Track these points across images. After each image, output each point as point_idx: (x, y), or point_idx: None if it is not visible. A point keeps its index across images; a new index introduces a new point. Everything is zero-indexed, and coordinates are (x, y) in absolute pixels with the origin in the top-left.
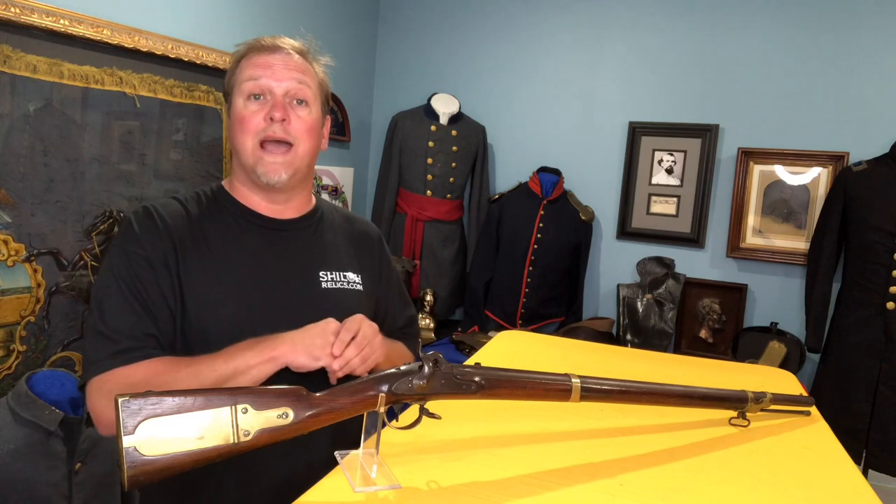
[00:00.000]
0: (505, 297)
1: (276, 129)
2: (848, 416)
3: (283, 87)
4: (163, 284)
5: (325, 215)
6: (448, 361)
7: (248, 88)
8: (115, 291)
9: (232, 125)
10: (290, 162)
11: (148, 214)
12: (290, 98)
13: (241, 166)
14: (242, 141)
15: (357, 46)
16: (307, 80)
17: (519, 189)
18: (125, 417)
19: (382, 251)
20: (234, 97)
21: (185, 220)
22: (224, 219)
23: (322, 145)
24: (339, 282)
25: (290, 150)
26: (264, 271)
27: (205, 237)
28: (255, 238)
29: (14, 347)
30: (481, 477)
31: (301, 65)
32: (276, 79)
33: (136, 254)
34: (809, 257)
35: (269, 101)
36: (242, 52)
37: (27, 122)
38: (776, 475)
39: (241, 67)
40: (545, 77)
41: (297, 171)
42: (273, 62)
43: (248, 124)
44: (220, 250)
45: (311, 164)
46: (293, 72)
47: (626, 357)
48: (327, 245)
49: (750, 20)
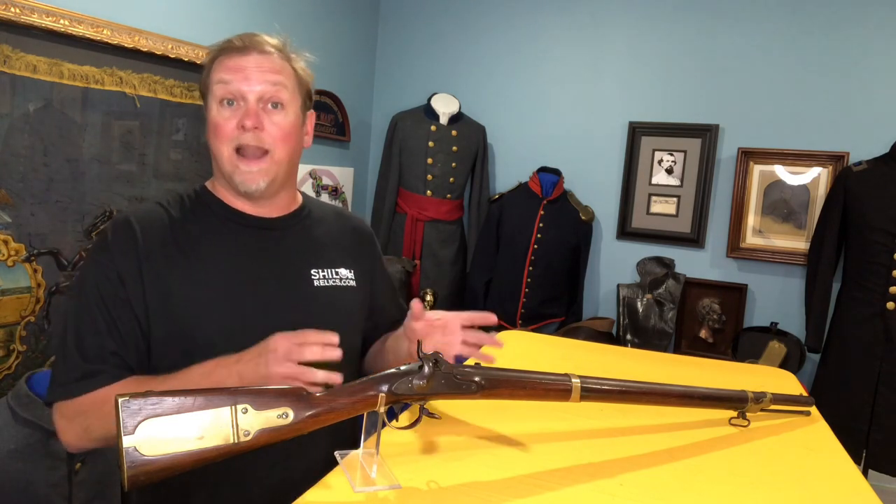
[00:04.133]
0: (505, 297)
1: (248, 137)
2: (848, 417)
3: (255, 92)
4: (133, 300)
5: (313, 212)
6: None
7: (220, 93)
8: (83, 308)
9: (208, 129)
10: (267, 170)
11: (124, 226)
12: (265, 102)
13: (220, 172)
14: (218, 148)
15: (357, 46)
16: (282, 80)
17: (519, 189)
18: (125, 417)
19: (374, 247)
20: (208, 100)
21: (168, 225)
22: (209, 220)
23: (305, 142)
24: (332, 279)
25: (267, 156)
26: (254, 272)
27: (189, 241)
28: (242, 239)
29: (14, 347)
30: (481, 477)
31: (276, 64)
32: (249, 83)
33: (108, 268)
34: (809, 257)
35: (241, 107)
36: (214, 54)
37: (27, 122)
38: (776, 475)
39: (213, 70)
40: (545, 77)
41: (275, 178)
42: (245, 65)
43: (222, 132)
44: (207, 253)
45: (291, 167)
46: (266, 73)
47: (626, 357)
48: (317, 242)
49: (750, 20)
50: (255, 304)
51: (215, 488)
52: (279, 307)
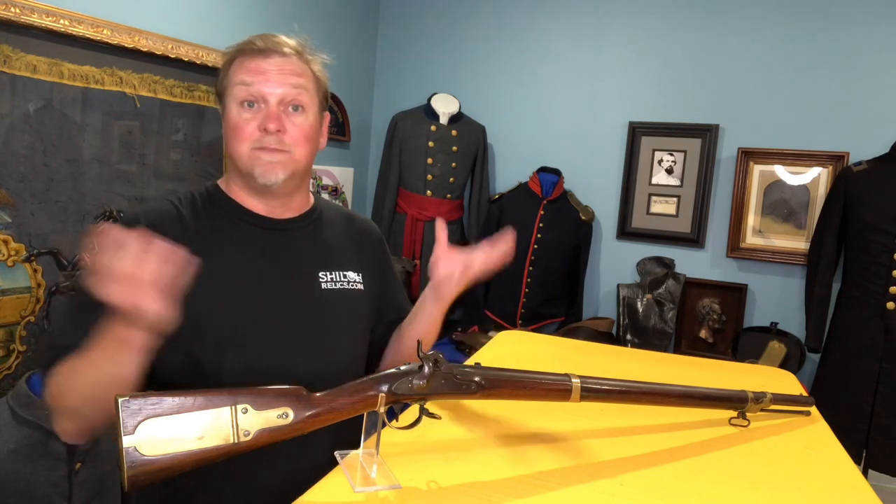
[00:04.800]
0: (505, 297)
1: (270, 140)
2: (848, 416)
3: (277, 95)
4: None
5: (323, 214)
6: (448, 361)
7: (241, 95)
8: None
9: (226, 131)
10: (287, 163)
11: (132, 224)
12: (286, 105)
13: (237, 170)
14: (237, 147)
15: (357, 46)
16: (303, 83)
17: (519, 189)
18: (125, 417)
19: (384, 250)
20: (226, 101)
21: (178, 222)
22: (220, 219)
23: (321, 144)
24: (340, 282)
25: (288, 155)
26: (262, 272)
27: (199, 238)
28: (252, 238)
29: (14, 347)
30: (481, 477)
31: (297, 67)
32: (270, 86)
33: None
34: (809, 257)
35: (262, 109)
36: (233, 55)
37: (27, 122)
38: (776, 475)
39: (233, 71)
40: (545, 77)
41: (294, 174)
42: (266, 67)
43: (243, 133)
44: (215, 252)
45: (308, 166)
46: (288, 76)
47: (626, 357)
48: (327, 244)
49: (750, 20)
50: (262, 304)
51: (215, 488)
52: (285, 308)
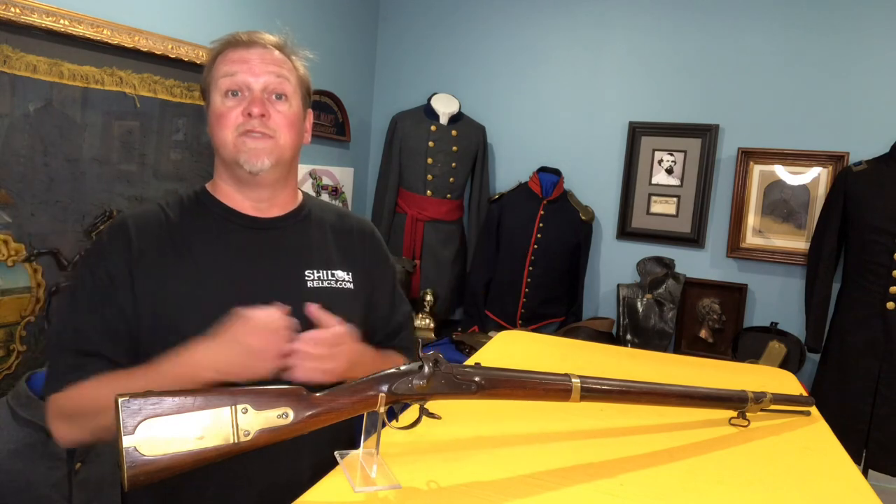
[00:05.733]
0: (505, 297)
1: (254, 123)
2: (848, 416)
3: (260, 82)
4: (123, 299)
5: (312, 212)
6: (448, 361)
7: (225, 85)
8: (74, 306)
9: (211, 122)
10: (272, 149)
11: (119, 228)
12: (269, 93)
13: (223, 162)
14: (222, 136)
15: (357, 46)
16: (286, 74)
17: (519, 189)
18: (125, 417)
19: (378, 247)
20: (211, 94)
21: (164, 224)
22: (205, 220)
23: (305, 139)
24: (327, 280)
25: (273, 141)
26: (245, 271)
27: (184, 240)
28: (237, 238)
29: (14, 347)
30: (481, 477)
31: (279, 59)
32: (254, 74)
33: (99, 267)
34: (809, 257)
35: (246, 97)
36: (218, 49)
37: (27, 122)
38: (776, 475)
39: (218, 64)
40: (545, 77)
41: (279, 161)
42: (249, 57)
43: (227, 120)
44: (200, 252)
45: (293, 157)
46: (270, 66)
47: (626, 357)
48: (314, 243)
49: (750, 20)
50: (244, 303)
51: (215, 488)
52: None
